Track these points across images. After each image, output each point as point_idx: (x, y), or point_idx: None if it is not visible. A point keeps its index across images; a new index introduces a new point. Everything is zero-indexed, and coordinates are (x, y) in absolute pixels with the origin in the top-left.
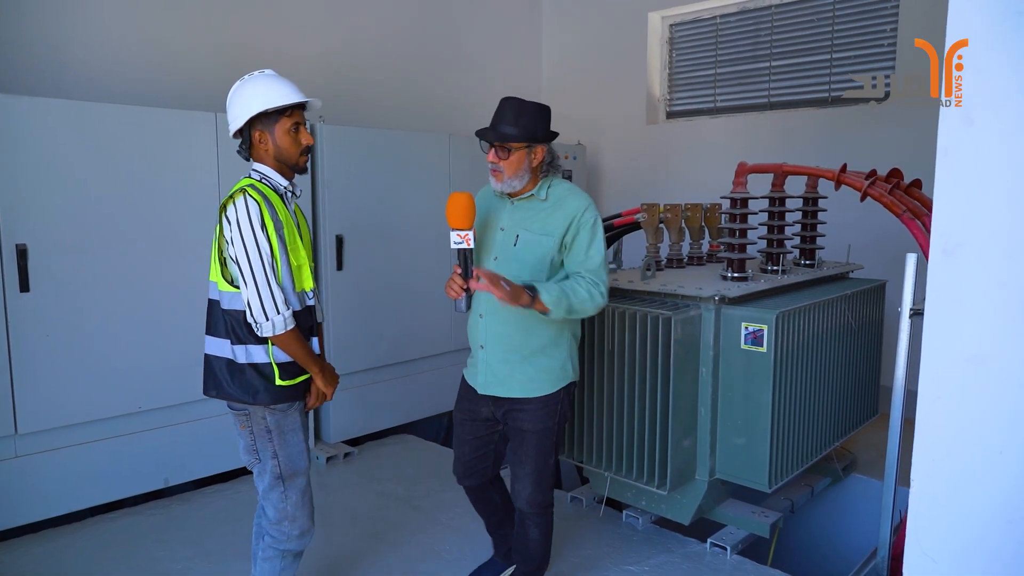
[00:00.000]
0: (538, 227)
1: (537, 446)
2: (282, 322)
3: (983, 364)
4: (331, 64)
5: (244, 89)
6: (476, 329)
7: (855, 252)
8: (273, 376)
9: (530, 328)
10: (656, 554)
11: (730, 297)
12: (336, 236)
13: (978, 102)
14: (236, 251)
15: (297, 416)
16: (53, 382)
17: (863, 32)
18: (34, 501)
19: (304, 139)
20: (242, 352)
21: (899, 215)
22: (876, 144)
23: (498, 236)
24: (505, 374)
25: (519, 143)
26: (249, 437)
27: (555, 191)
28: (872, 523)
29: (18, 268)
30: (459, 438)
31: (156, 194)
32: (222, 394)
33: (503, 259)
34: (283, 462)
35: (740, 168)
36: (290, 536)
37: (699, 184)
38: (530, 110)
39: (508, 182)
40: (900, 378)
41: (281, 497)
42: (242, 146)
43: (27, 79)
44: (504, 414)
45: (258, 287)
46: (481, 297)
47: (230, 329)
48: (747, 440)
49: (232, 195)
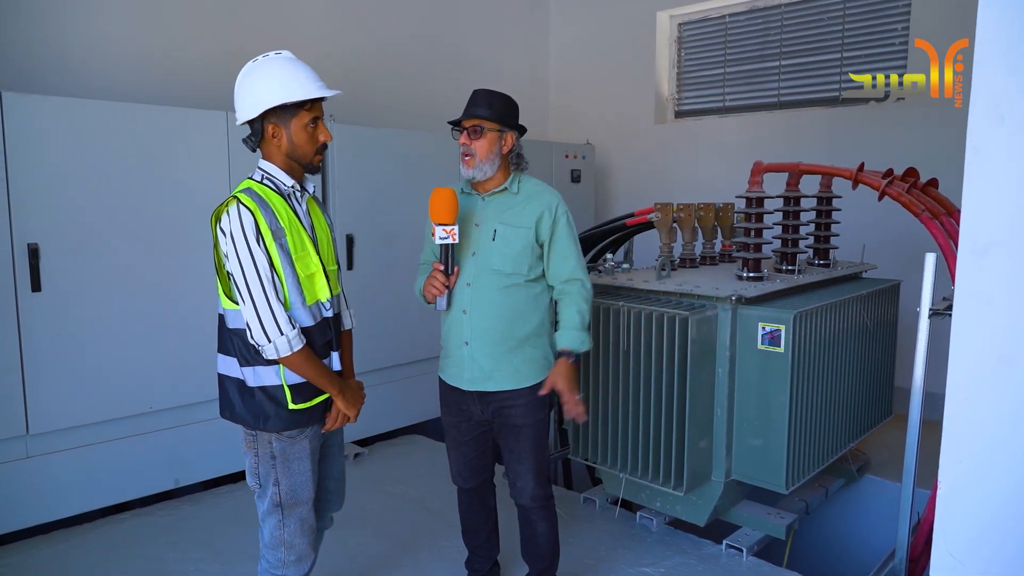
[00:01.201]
0: (514, 220)
1: (534, 439)
2: (286, 343)
3: (1014, 365)
4: (340, 62)
5: (258, 74)
6: (460, 326)
7: (867, 252)
8: (285, 400)
9: (513, 320)
10: (671, 555)
11: (747, 297)
12: (347, 236)
13: (1008, 99)
14: (232, 267)
15: (307, 443)
16: (64, 382)
17: (874, 31)
18: (44, 502)
19: (322, 135)
20: (251, 374)
21: (918, 215)
22: (886, 144)
23: (473, 232)
24: (491, 368)
25: (491, 123)
26: (254, 459)
27: (526, 185)
28: (886, 524)
29: (30, 267)
30: (455, 440)
31: (166, 193)
32: (235, 417)
33: (482, 253)
34: (284, 491)
35: (756, 167)
36: (285, 562)
37: (707, 184)
38: (500, 98)
39: (480, 166)
40: (919, 379)
41: (278, 524)
42: (251, 137)
43: (37, 78)
44: (494, 412)
45: (256, 307)
46: (464, 294)
47: (237, 349)
48: (764, 441)
49: (225, 204)
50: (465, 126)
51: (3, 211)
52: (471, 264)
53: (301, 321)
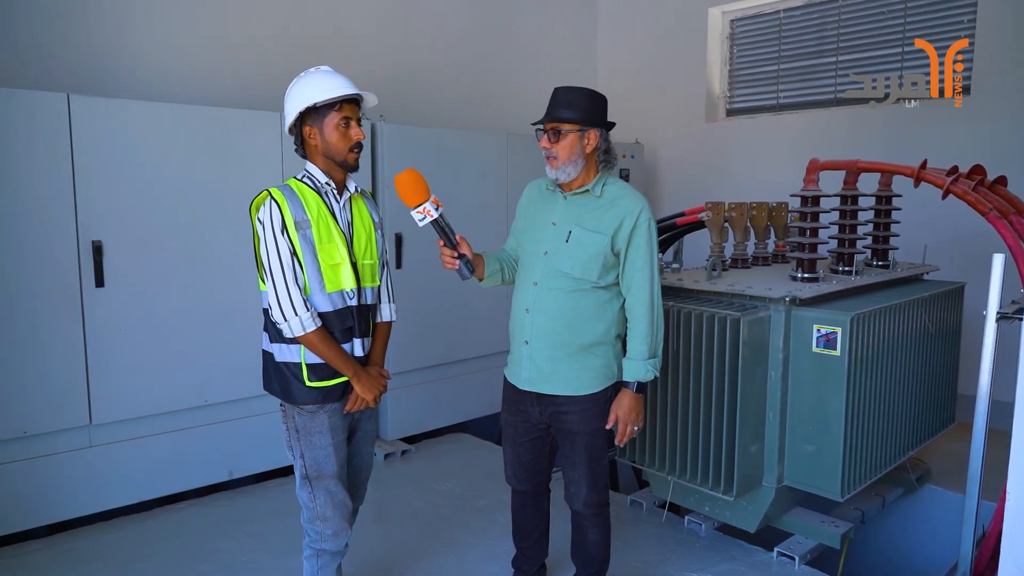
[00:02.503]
0: (592, 224)
1: (588, 447)
2: (299, 324)
3: None
4: (390, 61)
5: (297, 85)
6: (522, 325)
7: (928, 253)
8: (302, 376)
9: (577, 326)
10: (720, 562)
11: (802, 298)
12: (396, 235)
13: None
14: (261, 252)
15: (326, 419)
16: (125, 375)
17: (937, 24)
18: (105, 490)
19: (355, 135)
20: (277, 350)
21: (984, 213)
22: (949, 141)
23: (549, 231)
24: (549, 370)
25: (570, 125)
26: (286, 432)
27: (610, 189)
28: (947, 536)
29: (94, 264)
30: (512, 440)
31: (223, 192)
32: (271, 389)
33: (553, 254)
34: (308, 463)
35: (812, 165)
36: (323, 535)
37: (760, 183)
38: (582, 94)
39: (563, 168)
40: (985, 385)
41: (309, 497)
42: (296, 143)
43: (102, 81)
44: (551, 416)
45: (276, 288)
46: (528, 293)
47: (270, 327)
48: (818, 447)
49: (262, 195)
50: (546, 128)
51: (69, 209)
52: (541, 263)
53: (319, 306)
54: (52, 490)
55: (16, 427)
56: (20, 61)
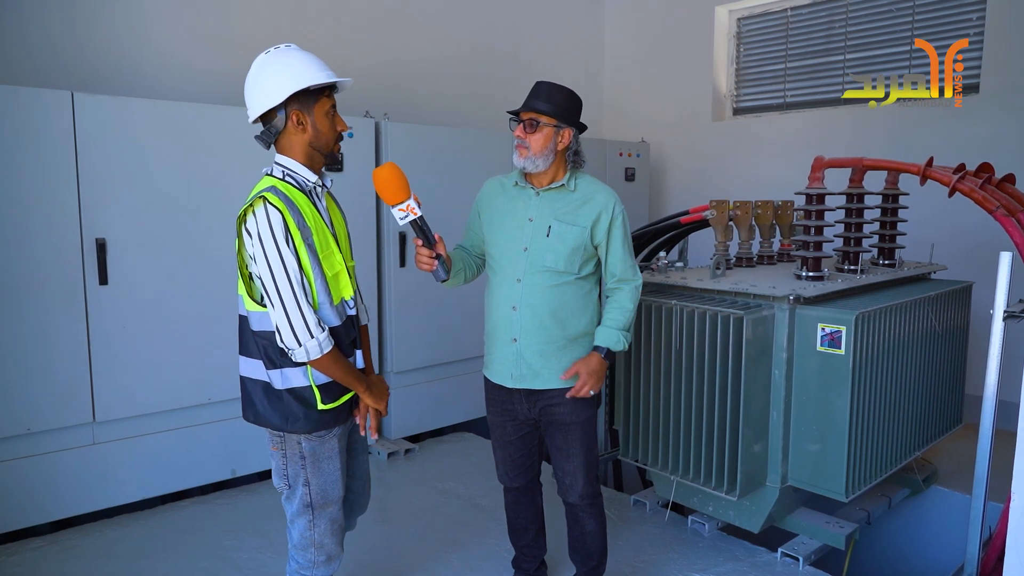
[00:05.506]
0: (570, 217)
1: (583, 437)
2: (316, 346)
3: None
4: (393, 61)
5: (277, 63)
6: (508, 323)
7: (936, 252)
8: (315, 400)
9: (564, 319)
10: (723, 562)
11: (806, 297)
12: (399, 233)
13: None
14: (260, 269)
15: (335, 442)
16: (128, 372)
17: (946, 23)
18: (109, 487)
19: (339, 125)
20: (278, 377)
21: (992, 211)
22: (955, 140)
23: (527, 227)
24: (540, 365)
25: (548, 118)
26: (281, 460)
27: (583, 183)
28: (954, 538)
29: (98, 261)
30: (501, 440)
31: (228, 190)
32: (260, 420)
33: (534, 250)
34: (315, 491)
35: (817, 162)
36: (315, 563)
37: (766, 182)
38: (563, 92)
39: (532, 159)
40: (992, 385)
41: (308, 525)
42: (268, 131)
43: (106, 79)
44: (541, 410)
45: (287, 310)
46: (512, 290)
47: (262, 352)
48: (822, 446)
49: (251, 204)
50: (522, 118)
51: (74, 207)
52: (522, 260)
53: (329, 321)
54: (56, 487)
55: (20, 424)
56: (25, 59)
